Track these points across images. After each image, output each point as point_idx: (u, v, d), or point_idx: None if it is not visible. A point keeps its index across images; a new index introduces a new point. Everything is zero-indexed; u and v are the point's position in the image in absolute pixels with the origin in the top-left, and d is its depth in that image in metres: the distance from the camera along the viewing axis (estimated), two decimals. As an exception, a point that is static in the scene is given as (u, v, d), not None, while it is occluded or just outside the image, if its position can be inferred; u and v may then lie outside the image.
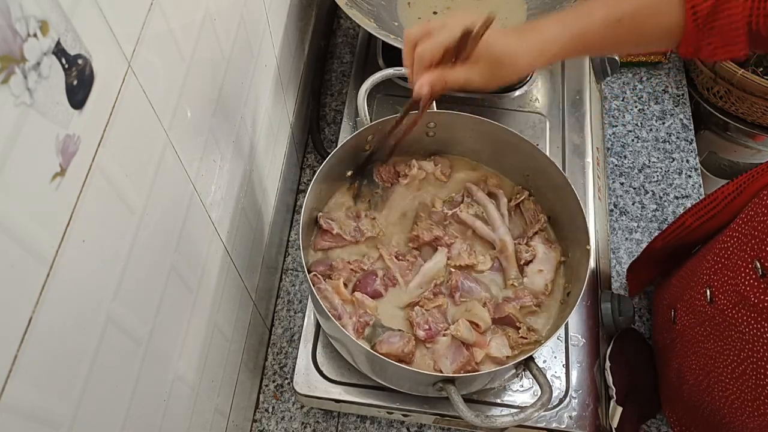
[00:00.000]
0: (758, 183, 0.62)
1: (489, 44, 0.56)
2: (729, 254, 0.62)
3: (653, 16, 0.56)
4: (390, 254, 0.74)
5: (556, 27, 0.57)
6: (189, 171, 0.54)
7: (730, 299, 0.60)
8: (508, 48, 0.57)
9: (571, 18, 0.58)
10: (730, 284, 0.60)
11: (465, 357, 0.66)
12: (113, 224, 0.41)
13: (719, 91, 1.13)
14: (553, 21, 0.58)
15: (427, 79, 0.58)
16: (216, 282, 0.64)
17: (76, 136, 0.35)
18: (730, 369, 0.61)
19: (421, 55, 0.57)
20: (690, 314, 0.68)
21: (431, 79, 0.58)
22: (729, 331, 0.60)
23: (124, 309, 0.43)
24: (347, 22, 1.19)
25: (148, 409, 0.49)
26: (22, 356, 0.32)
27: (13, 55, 0.29)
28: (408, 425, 0.83)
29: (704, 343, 0.65)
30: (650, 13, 0.56)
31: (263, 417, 0.84)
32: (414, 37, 0.58)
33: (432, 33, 0.57)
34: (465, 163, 0.83)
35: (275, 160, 0.88)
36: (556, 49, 0.58)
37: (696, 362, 0.67)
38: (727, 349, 0.61)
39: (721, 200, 0.69)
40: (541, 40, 0.57)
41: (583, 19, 0.57)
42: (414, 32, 0.58)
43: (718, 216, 0.69)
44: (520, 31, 0.58)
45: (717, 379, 0.63)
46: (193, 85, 0.53)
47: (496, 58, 0.57)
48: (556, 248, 0.75)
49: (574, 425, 0.72)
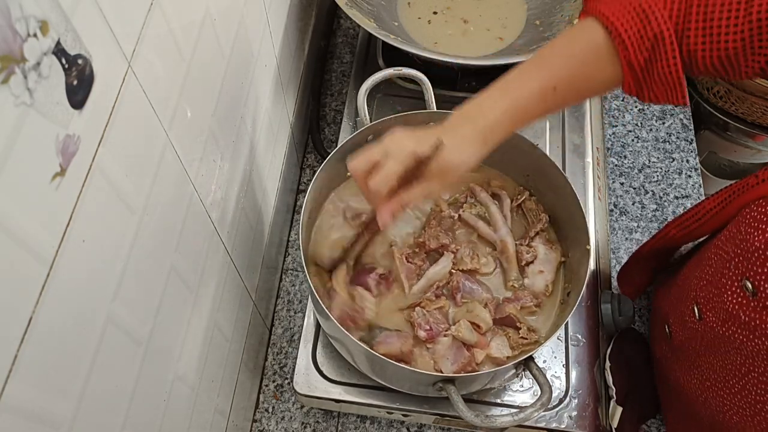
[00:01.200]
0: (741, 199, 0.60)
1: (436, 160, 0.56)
2: (714, 272, 0.61)
3: (589, 77, 0.56)
4: (402, 254, 0.73)
5: (492, 111, 0.56)
6: (189, 171, 0.54)
7: (719, 316, 0.59)
8: (453, 154, 0.56)
9: (505, 97, 0.57)
10: (717, 302, 0.59)
11: (466, 358, 0.66)
12: (113, 224, 0.41)
13: (719, 91, 1.13)
14: (487, 105, 0.57)
15: (388, 210, 0.58)
16: (216, 282, 0.64)
17: (76, 136, 0.35)
18: (731, 384, 0.60)
19: (376, 190, 0.57)
20: (683, 329, 0.68)
21: (392, 209, 0.58)
22: (725, 347, 0.59)
23: (124, 309, 0.43)
24: (347, 22, 1.19)
25: (148, 409, 0.49)
26: (22, 356, 0.32)
27: (13, 55, 0.29)
28: (408, 425, 0.83)
29: (702, 357, 0.64)
30: (585, 75, 0.56)
31: (263, 417, 0.84)
32: (361, 171, 0.58)
33: (379, 164, 0.57)
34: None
35: (275, 160, 0.88)
36: (500, 133, 0.57)
37: (695, 376, 0.66)
38: (728, 364, 0.60)
39: (703, 215, 0.67)
40: (480, 130, 0.56)
41: (518, 96, 0.56)
42: (359, 166, 0.58)
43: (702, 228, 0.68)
44: (455, 126, 0.58)
45: (716, 394, 0.62)
46: (193, 85, 0.53)
47: (446, 167, 0.57)
48: (556, 249, 0.75)
49: (574, 425, 0.72)
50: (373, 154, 0.58)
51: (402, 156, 0.56)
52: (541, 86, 0.56)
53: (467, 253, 0.74)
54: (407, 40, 0.95)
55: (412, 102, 0.93)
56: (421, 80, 0.76)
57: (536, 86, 0.56)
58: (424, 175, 0.57)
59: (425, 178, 0.57)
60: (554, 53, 0.57)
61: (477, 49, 0.96)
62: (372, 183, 0.57)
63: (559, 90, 0.56)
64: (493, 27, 0.99)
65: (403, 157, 0.56)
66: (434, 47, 0.96)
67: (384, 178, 0.56)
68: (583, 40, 0.56)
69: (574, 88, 0.57)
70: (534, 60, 0.58)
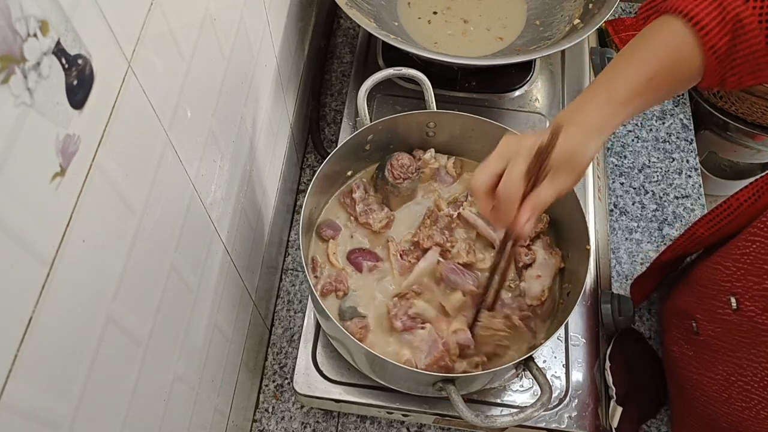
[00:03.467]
0: None
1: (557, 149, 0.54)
2: (753, 260, 0.61)
3: (678, 67, 0.57)
4: (396, 250, 0.75)
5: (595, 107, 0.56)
6: (189, 171, 0.54)
7: (759, 305, 0.59)
8: (574, 141, 0.55)
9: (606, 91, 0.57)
10: (757, 290, 0.60)
11: (439, 352, 0.67)
12: (113, 224, 0.41)
13: (719, 91, 1.13)
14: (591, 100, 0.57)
15: (524, 217, 0.54)
16: (216, 282, 0.64)
17: (76, 136, 0.35)
18: (759, 377, 0.60)
19: (507, 197, 0.54)
20: (714, 324, 0.68)
21: (531, 215, 0.55)
22: (760, 338, 0.59)
23: (124, 309, 0.43)
24: (347, 22, 1.19)
25: (148, 409, 0.49)
26: (22, 356, 0.32)
27: (13, 55, 0.29)
28: (408, 425, 0.83)
29: (733, 351, 0.64)
30: (676, 65, 0.56)
31: (263, 417, 0.84)
32: (486, 188, 0.55)
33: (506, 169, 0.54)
34: (467, 163, 0.83)
35: (275, 160, 0.88)
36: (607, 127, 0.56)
37: (721, 371, 0.66)
38: (760, 356, 0.60)
39: (736, 207, 0.68)
40: (588, 123, 0.56)
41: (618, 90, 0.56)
42: (482, 181, 0.55)
43: (733, 222, 0.69)
44: (566, 119, 0.57)
45: (742, 389, 0.62)
46: (193, 85, 0.53)
47: (570, 156, 0.55)
48: (556, 254, 0.74)
49: (574, 425, 0.72)
50: (492, 164, 0.55)
51: (523, 152, 0.54)
52: (638, 76, 0.56)
53: (463, 247, 0.74)
54: (407, 40, 0.95)
55: (412, 102, 0.93)
56: (421, 80, 0.76)
57: (635, 76, 0.56)
58: (549, 172, 0.55)
59: (552, 176, 0.55)
60: (639, 49, 0.58)
61: (477, 49, 0.96)
62: (501, 191, 0.54)
63: (655, 80, 0.56)
64: (493, 27, 0.99)
65: (525, 153, 0.54)
66: (434, 47, 0.96)
67: (512, 183, 0.53)
68: (665, 35, 0.56)
69: (670, 76, 0.57)
70: (622, 57, 0.58)
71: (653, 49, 0.57)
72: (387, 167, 0.76)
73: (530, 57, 0.83)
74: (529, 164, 0.53)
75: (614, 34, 1.13)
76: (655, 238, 0.98)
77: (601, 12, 0.85)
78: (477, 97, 0.94)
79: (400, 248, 0.75)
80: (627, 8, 1.21)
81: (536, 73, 0.97)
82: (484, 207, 0.57)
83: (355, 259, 0.74)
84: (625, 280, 0.94)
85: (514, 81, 0.96)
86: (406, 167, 0.76)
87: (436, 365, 0.66)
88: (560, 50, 0.83)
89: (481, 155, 0.81)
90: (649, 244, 0.97)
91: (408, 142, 0.79)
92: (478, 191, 0.56)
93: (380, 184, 0.77)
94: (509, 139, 0.56)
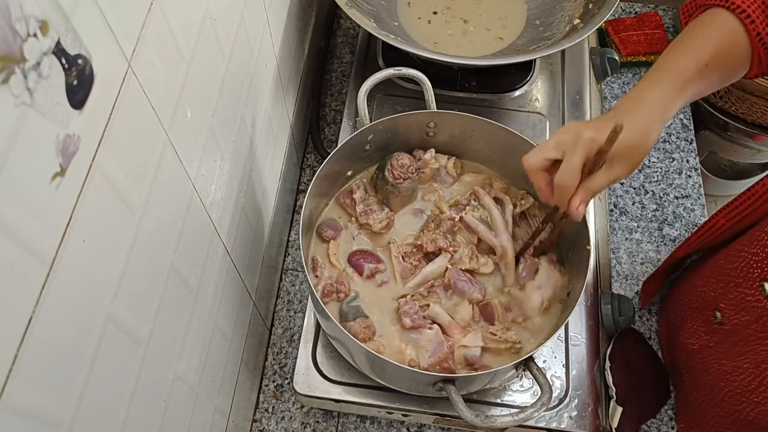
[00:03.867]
0: None
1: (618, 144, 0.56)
2: None
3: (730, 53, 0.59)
4: (398, 252, 0.75)
5: (658, 92, 0.58)
6: (189, 171, 0.54)
7: None
8: (634, 134, 0.56)
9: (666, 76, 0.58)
10: None
11: (444, 353, 0.67)
12: (113, 224, 0.41)
13: (719, 91, 1.13)
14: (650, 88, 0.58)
15: (578, 201, 0.58)
16: (216, 282, 0.64)
17: (76, 136, 0.35)
18: None
19: (563, 186, 0.57)
20: (742, 312, 0.67)
21: (582, 200, 0.58)
22: None
23: (124, 309, 0.43)
24: (347, 22, 1.19)
25: (148, 409, 0.49)
26: (22, 356, 0.32)
27: (13, 55, 0.29)
28: (408, 425, 0.83)
29: (762, 340, 0.64)
30: (728, 52, 0.58)
31: (263, 417, 0.84)
32: (538, 167, 0.59)
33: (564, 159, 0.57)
34: (468, 164, 0.83)
35: (275, 160, 0.88)
36: (669, 111, 0.58)
37: (748, 361, 0.66)
38: None
39: (762, 194, 0.68)
40: (652, 109, 0.57)
41: (677, 71, 0.58)
42: (535, 162, 0.59)
43: (757, 211, 0.69)
44: (626, 109, 0.58)
45: None
46: (193, 85, 0.53)
47: (630, 149, 0.57)
48: (563, 272, 0.73)
49: (574, 425, 0.72)
50: (548, 149, 0.58)
51: (581, 146, 0.56)
52: (695, 64, 0.58)
53: (466, 252, 0.74)
54: (407, 40, 0.95)
55: (412, 102, 0.93)
56: (421, 80, 0.76)
57: (692, 62, 0.58)
58: (606, 162, 0.57)
59: (608, 164, 0.57)
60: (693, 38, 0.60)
61: (477, 49, 0.96)
62: (558, 180, 0.58)
63: (710, 66, 0.58)
64: (493, 27, 0.99)
65: (583, 147, 0.56)
66: (434, 47, 0.96)
67: (569, 174, 0.57)
68: (714, 26, 0.59)
69: (722, 63, 0.59)
70: (675, 47, 0.60)
71: (706, 37, 0.59)
72: (387, 167, 0.76)
73: (530, 57, 0.83)
74: (587, 156, 0.56)
75: (614, 34, 1.13)
76: (655, 238, 0.98)
77: (601, 12, 0.85)
78: (477, 97, 0.94)
79: (401, 250, 0.75)
80: (627, 8, 1.21)
81: (536, 73, 0.97)
82: (535, 182, 0.60)
83: (356, 261, 0.74)
84: (625, 280, 0.94)
85: (514, 81, 0.96)
86: (406, 167, 0.76)
87: (438, 366, 0.66)
88: (560, 50, 0.83)
89: (481, 155, 0.81)
90: (649, 244, 0.97)
91: (408, 142, 0.79)
92: (530, 170, 0.60)
93: (380, 184, 0.77)
94: (571, 126, 0.58)
